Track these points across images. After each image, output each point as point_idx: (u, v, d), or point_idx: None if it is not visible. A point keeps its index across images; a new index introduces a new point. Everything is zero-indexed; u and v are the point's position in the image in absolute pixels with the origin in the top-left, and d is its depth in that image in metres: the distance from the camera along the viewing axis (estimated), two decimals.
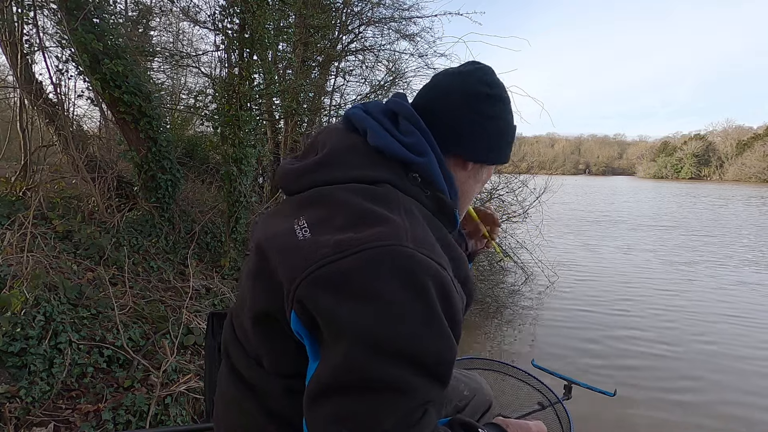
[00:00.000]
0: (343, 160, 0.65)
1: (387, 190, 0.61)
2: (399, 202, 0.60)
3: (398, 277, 0.50)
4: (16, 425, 1.92)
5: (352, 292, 0.49)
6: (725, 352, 4.21)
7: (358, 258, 0.50)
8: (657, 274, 7.12)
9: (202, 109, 5.59)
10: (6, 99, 5.14)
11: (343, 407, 0.48)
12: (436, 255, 0.54)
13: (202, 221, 4.38)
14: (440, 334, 0.51)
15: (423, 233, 0.56)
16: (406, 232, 0.53)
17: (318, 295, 0.50)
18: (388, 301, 0.49)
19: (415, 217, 0.59)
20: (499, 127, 0.73)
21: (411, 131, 0.67)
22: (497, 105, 0.72)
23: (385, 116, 0.69)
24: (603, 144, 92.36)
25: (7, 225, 2.87)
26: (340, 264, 0.50)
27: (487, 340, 4.54)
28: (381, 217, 0.55)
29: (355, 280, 0.50)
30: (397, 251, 0.51)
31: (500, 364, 1.36)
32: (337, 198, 0.60)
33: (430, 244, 0.55)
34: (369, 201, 0.58)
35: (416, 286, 0.50)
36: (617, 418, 3.08)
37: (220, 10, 4.36)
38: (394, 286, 0.49)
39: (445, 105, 0.71)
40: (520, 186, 6.51)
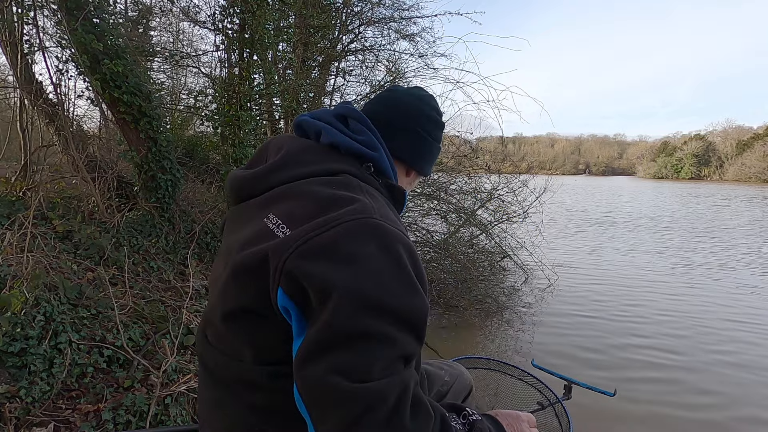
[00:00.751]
0: (301, 159, 0.72)
1: (347, 178, 0.68)
2: (360, 187, 0.67)
3: (375, 243, 0.56)
4: (16, 425, 1.92)
5: (336, 258, 0.55)
6: (735, 362, 4.05)
7: (338, 230, 0.56)
8: (660, 277, 7.11)
9: (202, 109, 5.59)
10: (6, 99, 5.14)
11: (335, 359, 0.52)
12: (401, 227, 0.62)
13: (202, 221, 4.38)
14: (415, 293, 0.57)
15: (386, 210, 0.65)
16: (374, 208, 0.61)
17: (305, 264, 0.55)
18: (369, 263, 0.55)
19: (377, 198, 0.67)
20: (436, 148, 0.89)
21: (361, 131, 0.76)
22: (440, 130, 0.89)
23: (335, 119, 0.77)
24: (603, 144, 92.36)
25: (7, 225, 2.86)
26: (322, 237, 0.56)
27: (487, 340, 4.54)
28: (349, 199, 0.62)
29: (338, 248, 0.55)
30: (370, 223, 0.58)
31: (500, 363, 1.36)
32: (303, 190, 0.66)
33: (393, 219, 0.63)
34: (334, 188, 0.65)
35: (391, 250, 0.57)
36: (617, 418, 3.08)
37: (220, 10, 4.37)
38: (372, 250, 0.56)
39: (403, 120, 0.83)
40: (520, 186, 6.51)
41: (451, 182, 6.23)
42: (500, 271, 6.45)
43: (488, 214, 6.46)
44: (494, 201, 6.36)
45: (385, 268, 0.55)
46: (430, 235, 5.92)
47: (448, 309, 5.06)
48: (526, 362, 1.50)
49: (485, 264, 6.18)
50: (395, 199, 0.75)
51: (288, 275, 0.56)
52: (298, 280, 0.55)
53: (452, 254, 5.61)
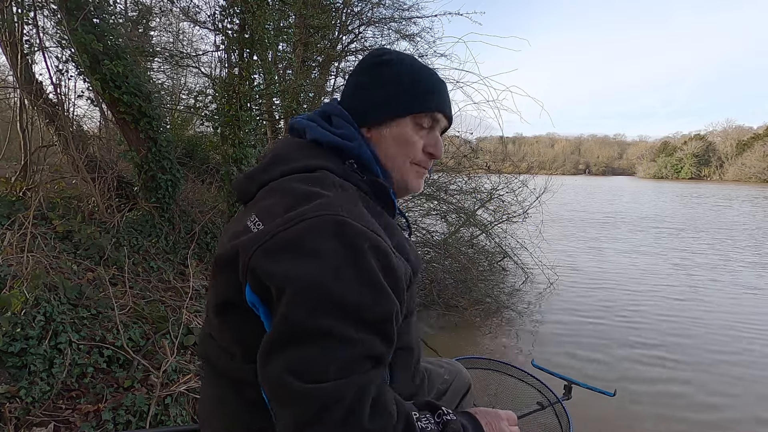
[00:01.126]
0: (286, 157, 0.73)
1: (323, 174, 0.68)
2: (333, 183, 0.66)
3: (336, 239, 0.55)
4: (16, 425, 1.92)
5: (297, 254, 0.55)
6: (736, 362, 4.00)
7: (302, 226, 0.56)
8: (662, 279, 7.11)
9: (202, 109, 5.59)
10: (6, 99, 5.14)
11: (290, 358, 0.52)
12: (368, 223, 0.60)
13: (202, 221, 4.38)
14: (377, 292, 0.55)
15: (355, 206, 0.62)
16: (341, 204, 0.60)
17: (267, 261, 0.56)
18: (329, 260, 0.54)
19: (349, 193, 0.66)
20: (386, 79, 0.78)
21: (342, 125, 0.76)
22: (382, 67, 0.79)
23: (321, 117, 0.79)
24: (603, 144, 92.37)
25: (7, 225, 2.86)
26: (285, 233, 0.56)
27: (487, 340, 4.54)
28: (318, 195, 0.62)
29: (300, 244, 0.55)
30: (334, 219, 0.57)
31: (500, 363, 1.36)
32: (281, 187, 0.67)
33: (362, 215, 0.61)
34: (307, 184, 0.65)
35: (353, 247, 0.55)
36: (618, 419, 3.08)
37: (220, 10, 4.37)
38: (332, 246, 0.55)
39: (347, 90, 0.82)
40: (520, 186, 6.51)
41: (451, 182, 6.23)
42: (500, 271, 6.45)
43: (488, 214, 6.46)
44: (494, 201, 6.36)
45: (344, 265, 0.54)
46: (430, 235, 5.92)
47: (448, 309, 5.06)
48: (526, 362, 1.50)
49: (485, 264, 6.18)
50: (378, 196, 0.73)
51: (252, 272, 0.57)
52: (261, 279, 0.56)
53: (452, 254, 5.61)
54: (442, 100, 0.79)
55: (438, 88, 0.79)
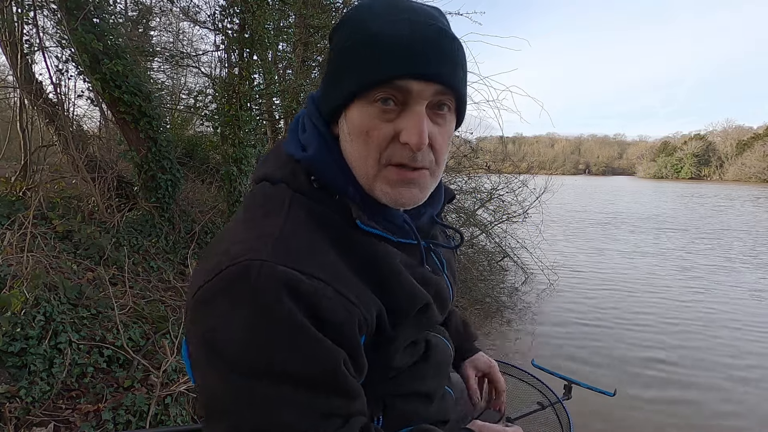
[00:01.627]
0: (268, 158, 0.66)
1: (278, 191, 0.58)
2: (282, 205, 0.55)
3: (249, 296, 0.47)
4: (16, 425, 1.92)
5: (207, 318, 0.49)
6: (738, 365, 3.95)
7: (215, 283, 0.49)
8: (664, 279, 7.10)
9: (202, 109, 5.59)
10: (6, 99, 5.14)
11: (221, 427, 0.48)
12: (303, 264, 0.49)
13: (202, 221, 4.38)
14: (301, 346, 0.47)
15: (294, 240, 0.52)
16: (268, 241, 0.50)
17: (189, 319, 0.51)
18: (239, 322, 0.47)
19: (294, 220, 0.54)
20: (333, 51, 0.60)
21: (308, 126, 0.63)
22: (333, 35, 0.61)
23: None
24: (603, 144, 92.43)
25: (7, 225, 2.86)
26: (203, 291, 0.49)
27: (486, 340, 4.54)
28: (250, 227, 0.54)
29: (214, 302, 0.49)
30: (250, 269, 0.48)
31: (500, 363, 1.36)
32: (240, 209, 0.61)
33: (297, 252, 0.50)
34: (253, 207, 0.58)
35: (266, 301, 0.47)
36: (618, 418, 3.08)
37: (220, 10, 4.37)
38: (243, 307, 0.47)
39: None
40: (520, 186, 6.51)
41: (451, 182, 6.23)
42: (500, 271, 6.46)
43: (488, 214, 6.46)
44: (494, 201, 6.36)
45: (260, 326, 0.46)
46: None
47: None
48: (526, 362, 1.50)
49: (485, 264, 6.18)
50: (351, 222, 0.56)
51: (186, 330, 0.53)
52: (186, 342, 0.52)
53: None
54: (402, 55, 0.52)
55: (390, 40, 0.52)
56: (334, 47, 0.59)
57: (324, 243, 0.53)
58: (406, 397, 0.64)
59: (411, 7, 0.56)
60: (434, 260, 0.70)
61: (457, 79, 0.55)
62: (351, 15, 0.59)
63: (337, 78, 0.57)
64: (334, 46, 0.60)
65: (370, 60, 0.53)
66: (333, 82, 0.59)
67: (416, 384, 0.65)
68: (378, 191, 0.57)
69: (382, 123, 0.54)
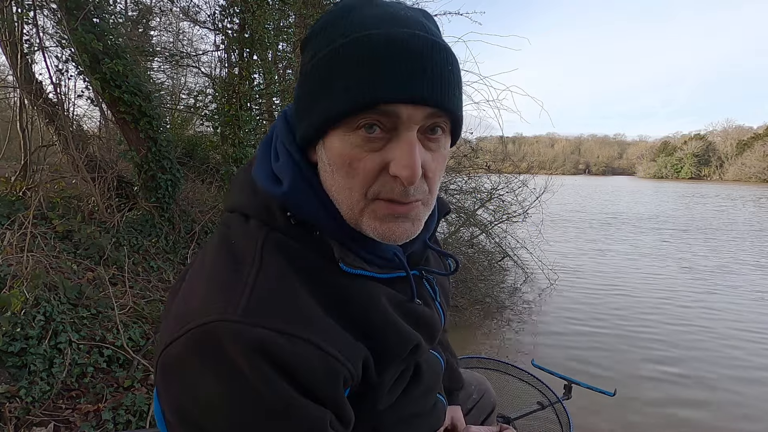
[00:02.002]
0: (239, 181, 0.58)
1: (249, 231, 0.52)
2: (255, 250, 0.49)
3: (220, 364, 0.42)
4: (16, 425, 1.92)
5: (178, 388, 0.45)
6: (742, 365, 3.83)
7: (181, 347, 0.44)
8: (664, 280, 7.09)
9: (202, 109, 5.60)
10: (6, 99, 5.14)
11: None
12: (280, 322, 0.44)
13: (202, 221, 4.38)
14: (284, 414, 0.43)
15: (269, 293, 0.46)
16: (240, 297, 0.44)
17: (160, 381, 0.47)
18: (213, 394, 0.43)
19: (269, 268, 0.48)
20: (303, 69, 0.51)
21: (282, 153, 0.54)
22: (304, 48, 0.53)
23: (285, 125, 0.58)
24: (603, 144, 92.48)
25: (7, 225, 2.86)
26: (171, 350, 0.45)
27: (487, 340, 4.54)
28: (219, 278, 0.48)
29: (179, 374, 0.44)
30: (219, 332, 0.42)
31: (500, 363, 1.36)
32: (212, 239, 0.55)
33: (273, 308, 0.45)
34: (224, 248, 0.51)
35: (241, 369, 0.42)
36: (618, 418, 3.08)
37: (220, 10, 4.37)
38: (215, 377, 0.43)
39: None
40: (520, 186, 6.51)
41: (451, 182, 6.23)
42: (500, 271, 6.45)
43: (488, 214, 6.46)
44: (494, 201, 6.36)
45: (237, 394, 0.42)
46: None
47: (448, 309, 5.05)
48: (526, 362, 1.50)
49: (485, 264, 6.18)
50: (330, 261, 0.51)
51: (157, 389, 0.48)
52: (158, 399, 0.48)
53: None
54: (389, 76, 0.44)
55: (375, 57, 0.45)
56: (308, 62, 0.50)
57: (303, 290, 0.48)
58: (397, 423, 0.62)
59: (397, 15, 0.48)
60: (426, 289, 0.65)
61: (453, 99, 0.48)
62: (327, 23, 0.50)
63: (313, 100, 0.49)
64: (308, 59, 0.51)
65: (350, 81, 0.45)
66: (307, 105, 0.50)
67: (409, 408, 0.62)
68: (366, 227, 0.50)
69: (368, 153, 0.47)
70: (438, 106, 0.47)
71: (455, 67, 0.49)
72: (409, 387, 0.60)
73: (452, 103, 0.48)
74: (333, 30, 0.48)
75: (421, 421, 0.66)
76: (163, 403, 0.47)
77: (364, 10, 0.48)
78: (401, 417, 0.61)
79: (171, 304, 0.53)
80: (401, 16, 0.48)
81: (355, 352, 0.49)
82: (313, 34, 0.51)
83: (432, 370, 0.67)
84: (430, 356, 0.68)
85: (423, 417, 0.67)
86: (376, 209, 0.49)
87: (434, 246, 0.67)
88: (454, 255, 0.70)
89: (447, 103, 0.47)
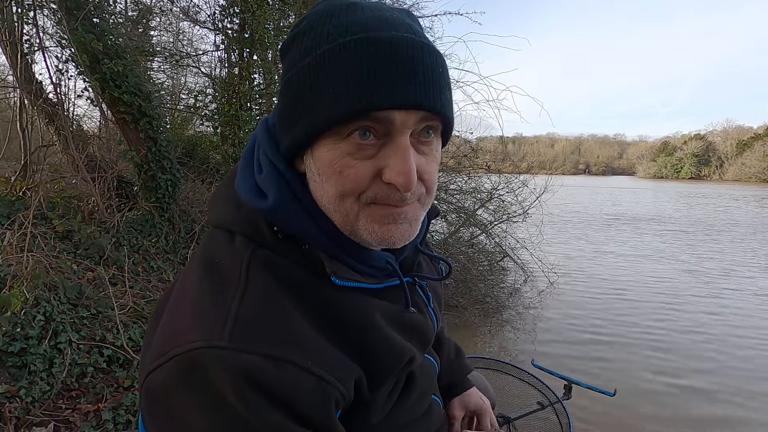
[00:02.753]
0: (221, 195, 0.56)
1: (234, 248, 0.50)
2: (239, 269, 0.47)
3: (206, 393, 0.41)
4: (16, 425, 1.92)
5: (163, 417, 0.43)
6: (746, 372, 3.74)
7: (166, 369, 0.42)
8: (669, 283, 7.09)
9: (202, 109, 5.59)
10: (6, 99, 5.14)
11: None
12: (268, 346, 0.43)
13: (202, 221, 4.38)
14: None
15: (256, 315, 0.44)
16: (225, 321, 0.43)
17: (144, 407, 0.45)
18: (200, 425, 0.41)
19: (255, 288, 0.46)
20: (285, 76, 0.49)
21: (265, 165, 0.52)
22: (284, 54, 0.51)
23: (266, 133, 0.56)
24: (603, 144, 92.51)
25: (7, 225, 2.86)
26: (155, 376, 0.43)
27: (487, 340, 4.54)
28: (204, 301, 0.46)
29: (163, 402, 0.43)
30: (204, 359, 0.41)
31: (500, 363, 1.36)
32: (195, 256, 0.52)
33: (261, 333, 0.43)
34: (208, 268, 0.49)
35: (228, 398, 0.41)
36: (618, 418, 3.08)
37: (220, 10, 4.38)
38: (202, 407, 0.41)
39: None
40: (520, 186, 6.51)
41: (451, 182, 6.23)
42: (500, 271, 6.45)
43: (488, 214, 6.46)
44: (494, 201, 6.36)
45: (225, 424, 0.41)
46: (430, 235, 5.90)
47: (448, 309, 5.06)
48: (526, 362, 1.50)
49: (485, 264, 6.18)
50: (317, 270, 0.49)
51: (142, 413, 0.46)
52: (143, 423, 0.46)
53: (452, 254, 5.61)
54: (380, 82, 0.43)
55: (363, 62, 0.44)
56: (290, 69, 0.49)
57: (292, 309, 0.46)
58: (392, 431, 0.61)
59: (383, 18, 0.46)
60: (420, 295, 0.64)
61: (445, 101, 0.48)
62: (309, 28, 0.48)
63: (298, 109, 0.47)
64: (290, 66, 0.49)
65: (340, 89, 0.44)
66: (292, 114, 0.48)
67: (402, 416, 0.61)
68: (363, 231, 0.49)
69: (359, 161, 0.46)
70: (431, 110, 0.46)
71: (445, 69, 0.48)
72: (402, 396, 0.59)
73: (445, 106, 0.48)
74: (316, 35, 0.46)
75: (416, 427, 0.66)
76: (149, 429, 0.45)
77: (348, 13, 0.47)
78: (395, 426, 0.60)
79: (154, 326, 0.51)
80: (387, 18, 0.47)
81: (346, 372, 0.47)
82: (294, 40, 0.49)
83: (426, 376, 0.66)
84: (425, 361, 0.67)
85: (417, 422, 0.66)
86: (372, 212, 0.49)
87: (425, 250, 0.66)
88: (446, 258, 0.69)
89: (440, 107, 0.47)
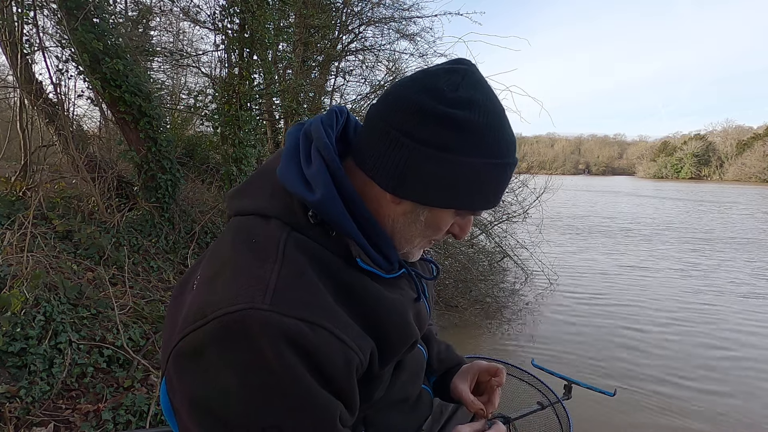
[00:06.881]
0: (252, 187, 0.61)
1: (271, 229, 0.55)
2: (277, 247, 0.52)
3: (247, 351, 0.45)
4: (16, 425, 1.92)
5: (196, 376, 0.47)
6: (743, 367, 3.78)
7: (206, 331, 0.46)
8: (671, 283, 7.09)
9: (202, 109, 5.59)
10: (6, 99, 5.14)
11: None
12: (305, 312, 0.48)
13: (202, 221, 4.38)
14: (300, 405, 0.47)
15: (293, 286, 0.49)
16: (266, 289, 0.48)
17: (173, 371, 0.49)
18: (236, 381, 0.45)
19: (292, 264, 0.51)
20: (435, 157, 0.53)
21: (314, 157, 0.57)
22: (434, 127, 0.52)
23: (305, 136, 0.62)
24: (603, 144, 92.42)
25: (7, 225, 2.86)
26: (191, 338, 0.47)
27: (487, 340, 4.54)
28: (244, 272, 0.50)
29: (198, 362, 0.47)
30: (248, 320, 0.45)
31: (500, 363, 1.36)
32: (223, 240, 0.58)
33: (297, 300, 0.48)
34: (246, 245, 0.54)
35: (267, 357, 0.45)
36: (618, 418, 3.08)
37: (220, 10, 4.37)
38: (240, 365, 0.45)
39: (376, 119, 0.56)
40: (520, 186, 6.51)
41: None
42: (500, 271, 6.45)
43: (488, 214, 6.46)
44: None
45: (261, 381, 0.45)
46: None
47: (448, 309, 5.06)
48: (526, 362, 1.50)
49: (485, 264, 6.18)
50: (351, 262, 0.56)
51: (167, 375, 0.51)
52: (169, 390, 0.51)
53: (452, 254, 5.61)
54: (497, 194, 0.61)
55: (500, 184, 0.59)
56: (423, 142, 0.53)
57: (321, 285, 0.52)
58: (385, 409, 0.67)
59: (514, 141, 0.60)
60: (422, 286, 0.74)
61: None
62: (467, 119, 0.53)
63: (450, 194, 0.56)
64: (424, 141, 0.53)
65: (489, 193, 0.59)
66: (439, 191, 0.56)
67: (394, 394, 0.67)
68: (410, 254, 0.65)
69: (452, 221, 0.62)
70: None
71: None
72: (394, 374, 0.66)
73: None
74: (481, 142, 0.54)
75: (408, 411, 0.73)
76: (174, 395, 0.49)
77: (504, 127, 0.57)
78: (390, 402, 0.66)
79: (178, 301, 0.57)
80: (514, 142, 0.60)
81: (365, 343, 0.54)
82: (457, 121, 0.53)
83: (415, 360, 0.74)
84: (416, 349, 0.74)
85: (410, 403, 0.73)
86: (424, 245, 0.65)
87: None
88: (434, 261, 0.81)
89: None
